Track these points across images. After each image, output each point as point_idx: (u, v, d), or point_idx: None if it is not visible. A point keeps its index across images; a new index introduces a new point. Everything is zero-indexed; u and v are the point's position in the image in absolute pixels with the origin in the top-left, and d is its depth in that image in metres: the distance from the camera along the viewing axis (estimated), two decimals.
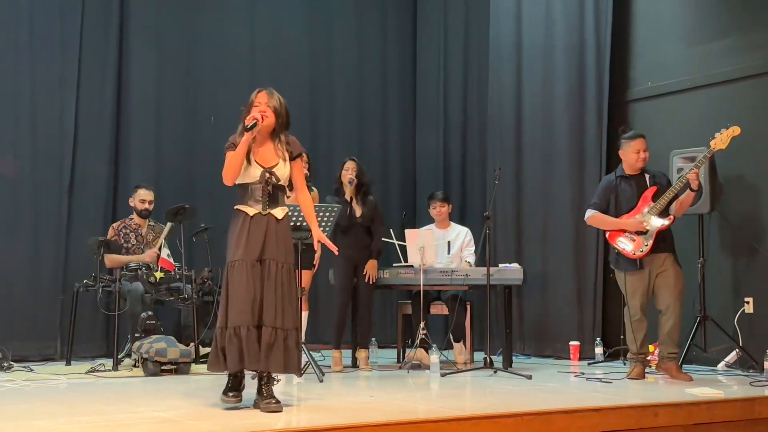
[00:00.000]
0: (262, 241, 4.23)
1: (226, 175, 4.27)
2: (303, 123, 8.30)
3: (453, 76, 8.80)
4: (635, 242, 5.57)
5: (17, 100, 7.09)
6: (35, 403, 4.48)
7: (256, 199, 4.27)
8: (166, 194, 7.34)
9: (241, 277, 4.17)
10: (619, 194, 5.68)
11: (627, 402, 4.50)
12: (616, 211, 5.68)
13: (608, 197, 5.72)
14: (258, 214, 4.26)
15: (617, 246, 5.64)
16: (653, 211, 5.54)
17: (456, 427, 3.81)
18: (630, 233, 5.59)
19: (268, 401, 4.15)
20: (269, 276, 4.21)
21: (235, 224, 4.29)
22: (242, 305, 4.15)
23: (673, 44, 6.89)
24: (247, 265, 4.18)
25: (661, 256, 5.58)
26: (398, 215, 7.87)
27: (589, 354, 6.88)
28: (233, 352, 4.12)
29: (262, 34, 8.33)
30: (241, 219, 4.27)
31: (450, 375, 5.77)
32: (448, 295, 6.70)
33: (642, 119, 7.02)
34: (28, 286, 7.00)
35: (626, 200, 5.66)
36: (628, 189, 5.67)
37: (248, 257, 4.19)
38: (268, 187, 4.27)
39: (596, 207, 5.76)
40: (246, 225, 4.24)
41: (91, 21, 7.39)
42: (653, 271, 5.59)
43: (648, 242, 5.53)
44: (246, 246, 4.21)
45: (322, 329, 7.81)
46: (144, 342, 5.93)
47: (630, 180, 5.70)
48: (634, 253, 5.57)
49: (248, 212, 4.27)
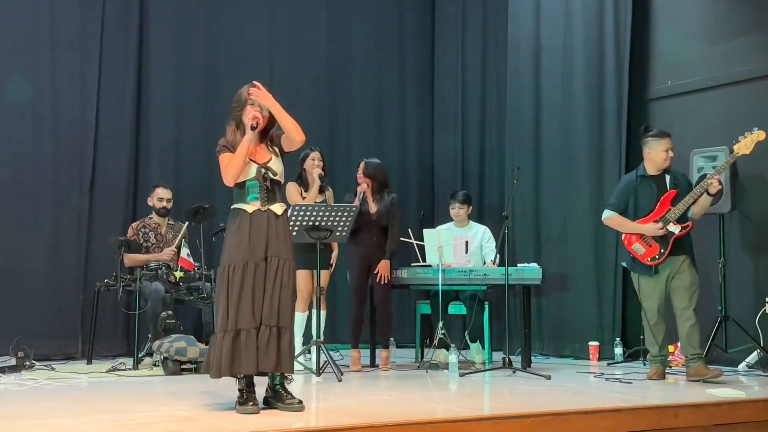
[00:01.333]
0: (265, 240, 4.19)
1: (229, 176, 4.21)
2: (321, 123, 8.34)
3: (471, 75, 8.78)
4: (651, 248, 5.51)
5: (38, 100, 7.16)
6: (57, 402, 4.52)
7: (254, 196, 4.23)
8: (186, 194, 7.38)
9: (249, 278, 4.12)
10: (639, 195, 5.60)
11: (647, 403, 4.47)
12: (635, 212, 5.60)
13: (627, 198, 5.64)
14: (257, 211, 4.22)
15: (633, 250, 5.58)
16: (672, 216, 5.46)
17: (475, 428, 3.80)
18: (647, 238, 5.53)
19: (290, 401, 4.15)
20: (270, 274, 4.16)
21: (234, 223, 4.23)
22: (246, 307, 4.10)
23: (694, 42, 6.84)
24: (252, 265, 4.14)
25: (679, 259, 5.52)
26: (416, 215, 7.87)
27: (608, 354, 6.85)
28: (249, 355, 4.07)
29: (280, 33, 8.34)
30: (239, 217, 4.22)
31: (468, 375, 5.76)
32: (466, 294, 6.69)
33: (662, 118, 6.98)
34: (49, 285, 7.06)
35: (646, 202, 5.57)
36: (648, 190, 5.59)
37: (254, 257, 4.15)
38: (266, 183, 4.24)
39: (614, 207, 5.68)
40: (246, 223, 4.19)
41: (111, 22, 7.44)
42: (670, 274, 5.53)
43: (664, 249, 5.47)
44: (249, 245, 4.16)
45: (340, 329, 7.82)
46: (164, 341, 5.97)
47: (651, 181, 5.61)
48: (649, 259, 5.52)
49: (247, 210, 4.22)
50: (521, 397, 4.81)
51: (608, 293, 7.08)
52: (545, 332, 7.55)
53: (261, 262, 4.16)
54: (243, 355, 4.08)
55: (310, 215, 5.67)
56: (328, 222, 5.73)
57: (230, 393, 4.33)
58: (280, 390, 4.22)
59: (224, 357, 4.08)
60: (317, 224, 5.68)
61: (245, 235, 4.17)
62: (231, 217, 4.27)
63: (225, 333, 4.10)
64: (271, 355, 4.11)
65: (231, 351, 4.08)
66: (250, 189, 4.23)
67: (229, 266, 4.16)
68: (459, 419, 3.84)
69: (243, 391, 4.16)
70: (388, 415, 3.94)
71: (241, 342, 4.09)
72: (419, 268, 6.55)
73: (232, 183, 4.24)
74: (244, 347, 4.08)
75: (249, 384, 4.18)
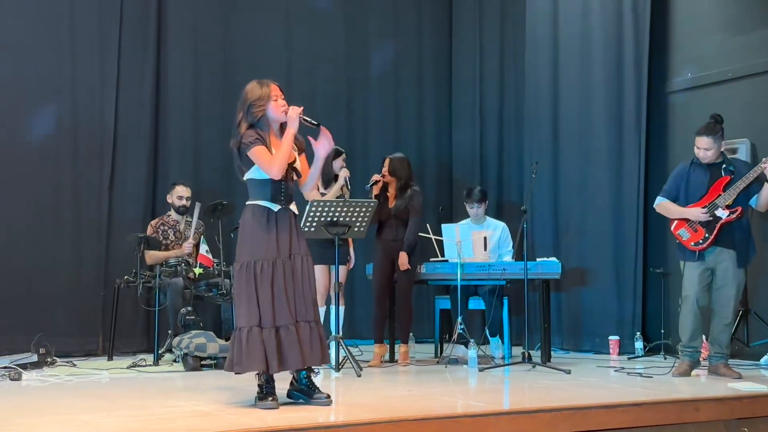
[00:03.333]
0: (289, 238, 4.22)
1: (277, 167, 4.15)
2: (339, 119, 8.34)
3: (489, 70, 8.75)
4: (696, 233, 5.42)
5: (58, 99, 7.20)
6: (78, 398, 4.55)
7: (278, 194, 4.23)
8: (205, 192, 7.39)
9: (280, 275, 4.15)
10: (690, 181, 5.51)
11: (668, 397, 4.44)
12: (686, 198, 5.51)
13: (679, 184, 5.56)
14: (282, 210, 4.24)
15: (678, 235, 5.50)
16: (721, 202, 5.36)
17: (494, 422, 3.79)
18: (693, 223, 5.45)
19: (318, 395, 4.20)
20: (298, 272, 4.21)
21: (257, 220, 4.21)
22: (283, 304, 4.14)
23: (713, 34, 6.78)
24: (280, 263, 4.17)
25: (725, 252, 5.41)
26: (435, 210, 7.86)
27: (628, 348, 6.82)
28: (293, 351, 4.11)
29: (298, 30, 8.35)
30: (266, 215, 4.21)
31: (488, 369, 5.75)
32: (485, 289, 6.67)
33: (682, 111, 6.93)
34: (70, 282, 7.11)
35: (697, 188, 5.48)
36: (701, 176, 5.48)
37: (281, 255, 4.18)
38: (291, 183, 4.28)
39: (666, 194, 5.61)
40: (273, 221, 4.20)
41: (129, 20, 7.48)
42: (713, 265, 5.44)
43: (709, 234, 5.38)
44: (278, 243, 4.18)
45: (358, 324, 7.83)
46: (184, 337, 6.00)
47: (704, 168, 5.49)
48: (693, 244, 5.44)
49: (273, 208, 4.22)
50: (541, 391, 4.79)
51: (628, 287, 7.04)
52: (565, 327, 7.51)
53: (287, 259, 4.20)
54: (288, 352, 4.12)
55: (328, 211, 5.68)
56: (346, 217, 5.73)
57: (250, 388, 4.35)
58: (307, 384, 4.26)
59: (270, 354, 4.09)
60: (336, 220, 5.69)
61: (273, 233, 4.19)
62: (251, 213, 4.24)
63: (263, 329, 4.11)
64: (316, 350, 4.19)
65: (277, 347, 4.10)
66: (275, 187, 4.22)
67: (256, 263, 4.16)
68: (479, 414, 3.83)
69: (263, 386, 4.17)
70: (408, 410, 3.94)
71: (282, 338, 4.12)
72: (438, 263, 6.54)
73: (280, 176, 4.18)
74: (287, 343, 4.12)
75: (269, 380, 4.19)
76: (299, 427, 3.47)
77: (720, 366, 5.41)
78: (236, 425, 3.52)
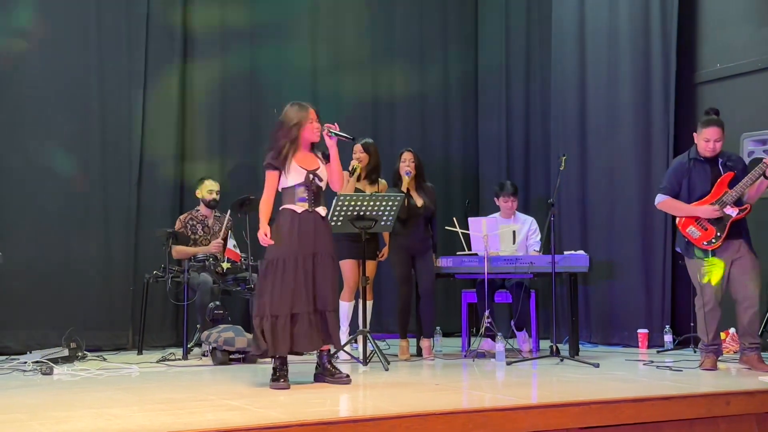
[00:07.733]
0: (312, 237, 4.71)
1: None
2: (365, 113, 8.35)
3: (515, 62, 8.72)
4: (707, 231, 5.36)
5: (87, 96, 7.27)
6: (108, 392, 4.59)
7: (302, 198, 4.73)
8: (232, 187, 7.44)
9: (300, 269, 4.65)
10: (693, 177, 5.43)
11: (698, 390, 4.40)
12: (689, 195, 5.44)
13: (680, 180, 5.47)
14: (306, 212, 4.74)
15: (687, 234, 5.44)
16: (729, 199, 5.30)
17: (523, 416, 3.78)
18: (702, 221, 5.40)
19: (339, 375, 4.75)
20: (321, 266, 4.71)
21: (283, 221, 4.74)
22: (300, 294, 4.64)
23: (742, 25, 6.71)
24: (301, 259, 4.65)
25: (736, 243, 5.36)
26: (461, 204, 7.84)
27: (657, 342, 6.77)
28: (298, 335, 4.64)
29: (324, 25, 8.37)
30: (289, 217, 4.72)
31: (516, 363, 5.74)
32: (512, 282, 6.65)
33: (711, 102, 6.84)
34: (100, 278, 7.19)
35: (700, 184, 5.41)
36: (702, 173, 5.42)
37: (303, 251, 4.67)
38: (313, 188, 4.75)
39: (667, 191, 5.52)
40: (296, 222, 4.71)
41: (156, 19, 7.53)
42: (728, 258, 5.37)
43: (720, 232, 5.32)
44: (299, 241, 4.68)
45: (386, 318, 7.84)
46: (212, 331, 6.04)
47: (704, 163, 5.43)
48: (705, 243, 5.38)
49: (296, 210, 4.73)
50: (569, 385, 4.77)
51: (657, 280, 6.99)
52: (593, 320, 7.48)
53: (309, 256, 4.68)
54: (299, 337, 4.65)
55: (354, 205, 5.66)
56: (372, 211, 5.71)
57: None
58: (329, 366, 4.80)
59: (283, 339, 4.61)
60: (362, 214, 5.67)
61: (294, 233, 4.69)
62: (280, 217, 4.77)
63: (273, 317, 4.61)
64: (335, 336, 4.79)
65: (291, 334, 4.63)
66: (299, 192, 4.74)
67: (278, 260, 4.66)
68: (507, 408, 3.82)
69: (276, 369, 4.65)
70: (436, 404, 3.94)
71: (296, 325, 4.64)
72: (465, 257, 6.53)
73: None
74: (299, 329, 4.64)
75: (283, 363, 4.66)
76: (328, 421, 3.48)
77: (754, 358, 5.33)
78: (266, 419, 3.53)
